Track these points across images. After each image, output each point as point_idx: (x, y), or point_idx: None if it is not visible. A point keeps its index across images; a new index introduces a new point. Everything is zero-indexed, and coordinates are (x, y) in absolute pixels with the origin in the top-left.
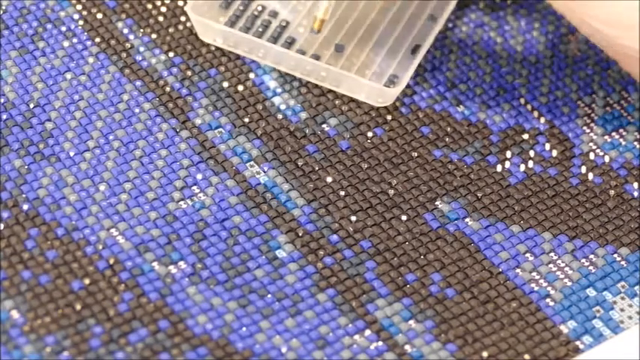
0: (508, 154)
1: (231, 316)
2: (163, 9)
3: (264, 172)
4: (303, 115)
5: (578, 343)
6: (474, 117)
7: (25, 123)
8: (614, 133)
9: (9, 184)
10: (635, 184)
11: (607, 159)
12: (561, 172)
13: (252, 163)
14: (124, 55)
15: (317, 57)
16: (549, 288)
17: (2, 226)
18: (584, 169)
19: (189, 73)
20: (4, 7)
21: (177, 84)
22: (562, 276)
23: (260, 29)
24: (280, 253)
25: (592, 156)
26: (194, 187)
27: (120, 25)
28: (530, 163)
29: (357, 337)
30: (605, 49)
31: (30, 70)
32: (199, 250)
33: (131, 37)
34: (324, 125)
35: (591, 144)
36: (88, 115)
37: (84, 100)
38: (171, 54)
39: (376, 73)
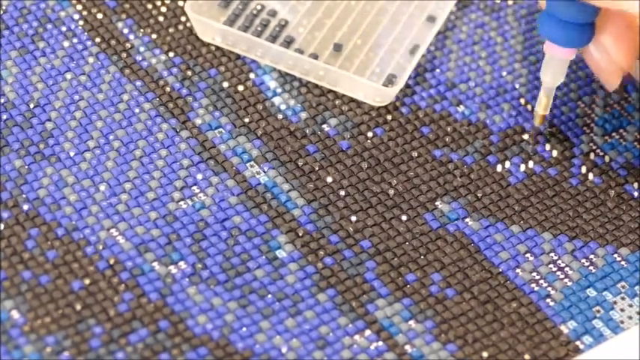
0: (508, 154)
1: (231, 316)
2: (163, 9)
3: (265, 172)
4: (304, 115)
5: (578, 343)
6: (474, 117)
7: (26, 123)
8: (614, 134)
9: (9, 184)
10: (635, 184)
11: (607, 159)
12: (561, 172)
13: (252, 163)
14: (124, 55)
15: (315, 56)
16: (549, 288)
17: (2, 226)
18: (584, 169)
19: (189, 73)
20: (4, 7)
21: (178, 84)
22: (562, 276)
23: (259, 28)
24: (280, 253)
25: (592, 156)
26: (194, 187)
27: (120, 25)
28: (531, 163)
29: (357, 337)
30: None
31: (30, 70)
32: (199, 250)
33: (131, 37)
34: (324, 125)
35: (591, 144)
36: (88, 115)
37: (84, 100)
38: (171, 54)
39: (375, 72)
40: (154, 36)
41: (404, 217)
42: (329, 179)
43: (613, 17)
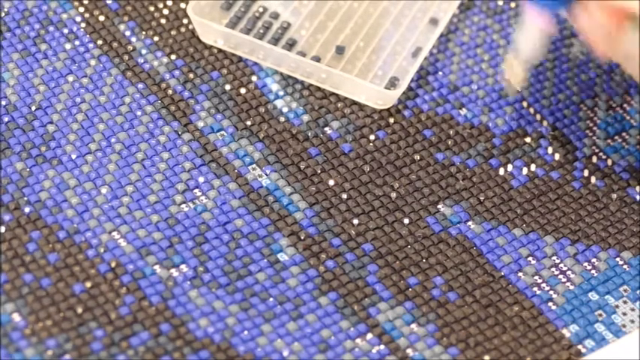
0: (510, 157)
1: (232, 319)
2: (165, 11)
3: (267, 175)
4: (306, 117)
5: (580, 346)
6: (476, 120)
7: (27, 125)
8: (616, 137)
9: (11, 186)
10: (638, 188)
11: (609, 162)
12: (564, 175)
13: (254, 166)
14: (126, 57)
15: (318, 59)
16: (551, 292)
17: (4, 228)
18: (586, 173)
19: (191, 75)
20: (6, 9)
21: (180, 86)
22: (564, 280)
23: (261, 31)
24: (282, 257)
25: (594, 159)
26: (196, 190)
27: (122, 27)
28: (533, 167)
29: (358, 340)
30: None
31: (32, 72)
32: (201, 254)
33: (133, 39)
34: (326, 128)
35: (594, 147)
36: (90, 118)
37: (86, 103)
38: (173, 56)
39: (377, 75)
40: (156, 38)
41: (406, 221)
42: (331, 182)
43: None
